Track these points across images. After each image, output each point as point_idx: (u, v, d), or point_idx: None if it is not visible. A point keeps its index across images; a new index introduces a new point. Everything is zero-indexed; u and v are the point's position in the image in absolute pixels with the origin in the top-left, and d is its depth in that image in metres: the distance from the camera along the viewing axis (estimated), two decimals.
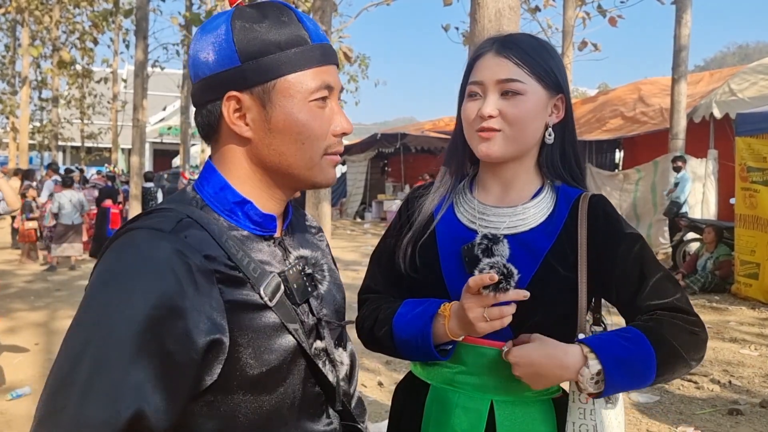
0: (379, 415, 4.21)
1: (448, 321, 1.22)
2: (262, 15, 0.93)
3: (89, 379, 0.76)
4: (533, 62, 1.26)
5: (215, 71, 0.93)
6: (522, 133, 1.27)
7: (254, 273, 0.92)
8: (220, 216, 0.95)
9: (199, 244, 0.88)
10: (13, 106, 23.95)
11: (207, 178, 0.99)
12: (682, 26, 11.01)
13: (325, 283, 1.05)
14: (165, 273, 0.82)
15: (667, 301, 1.25)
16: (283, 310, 0.94)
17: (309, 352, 0.96)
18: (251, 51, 0.91)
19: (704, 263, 8.74)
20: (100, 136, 28.43)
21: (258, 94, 0.93)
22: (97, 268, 0.87)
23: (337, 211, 23.09)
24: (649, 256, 1.30)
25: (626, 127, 13.76)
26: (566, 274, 1.27)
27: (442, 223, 1.36)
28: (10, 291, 8.62)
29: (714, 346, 5.97)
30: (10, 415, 4.22)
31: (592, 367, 1.16)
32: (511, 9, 3.39)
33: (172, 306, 0.81)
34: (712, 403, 4.48)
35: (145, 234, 0.87)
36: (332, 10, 6.89)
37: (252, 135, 0.95)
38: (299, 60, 0.93)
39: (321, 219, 6.31)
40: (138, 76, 11.96)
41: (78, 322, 0.82)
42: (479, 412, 1.27)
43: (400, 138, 19.71)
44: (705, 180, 11.40)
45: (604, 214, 1.31)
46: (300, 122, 0.94)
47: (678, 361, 1.22)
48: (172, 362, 0.80)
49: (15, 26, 23.50)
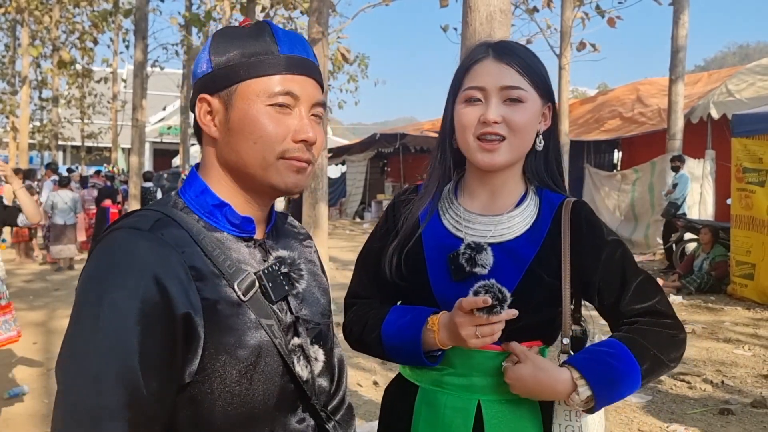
0: (374, 414, 4.24)
1: (438, 334, 1.25)
2: (238, 31, 1.03)
3: (96, 371, 0.85)
4: (532, 71, 1.29)
5: (196, 77, 1.04)
6: (522, 140, 1.29)
7: (230, 270, 0.97)
8: (200, 218, 1.01)
9: (175, 241, 0.94)
10: (13, 106, 23.97)
11: (189, 183, 1.05)
12: (679, 27, 11.04)
13: (303, 282, 1.08)
14: (144, 269, 0.89)
15: (648, 305, 1.30)
16: (257, 306, 0.98)
17: (283, 348, 1.00)
18: (221, 60, 1.01)
19: (701, 263, 8.77)
20: (100, 136, 28.45)
21: (224, 97, 1.01)
22: (84, 271, 0.93)
23: (336, 211, 23.13)
24: (629, 261, 1.34)
25: (624, 127, 13.80)
26: (550, 280, 1.30)
27: (428, 231, 1.37)
28: (9, 290, 8.65)
29: (708, 346, 6.00)
30: (8, 414, 4.25)
31: (582, 393, 1.21)
32: (503, 12, 3.42)
33: (153, 299, 0.88)
34: (704, 403, 4.51)
35: (124, 233, 0.93)
36: (329, 10, 6.91)
37: (218, 135, 1.02)
38: (260, 67, 1.00)
39: (318, 219, 6.35)
40: (137, 76, 12.00)
41: (74, 327, 0.90)
42: (467, 412, 1.29)
43: (400, 138, 19.75)
44: (702, 180, 11.44)
45: (587, 221, 1.34)
46: (253, 122, 0.99)
47: (660, 367, 1.28)
48: (162, 349, 0.88)
49: (15, 26, 23.51)
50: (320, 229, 6.35)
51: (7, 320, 3.99)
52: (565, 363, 1.25)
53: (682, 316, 7.25)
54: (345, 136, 47.97)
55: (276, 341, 0.99)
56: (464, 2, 3.53)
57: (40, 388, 4.76)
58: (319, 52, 6.36)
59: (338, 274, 9.68)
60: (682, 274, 8.81)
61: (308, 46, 1.07)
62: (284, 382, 1.01)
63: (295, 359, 1.03)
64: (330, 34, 7.33)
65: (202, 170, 1.07)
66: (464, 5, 3.52)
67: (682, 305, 7.95)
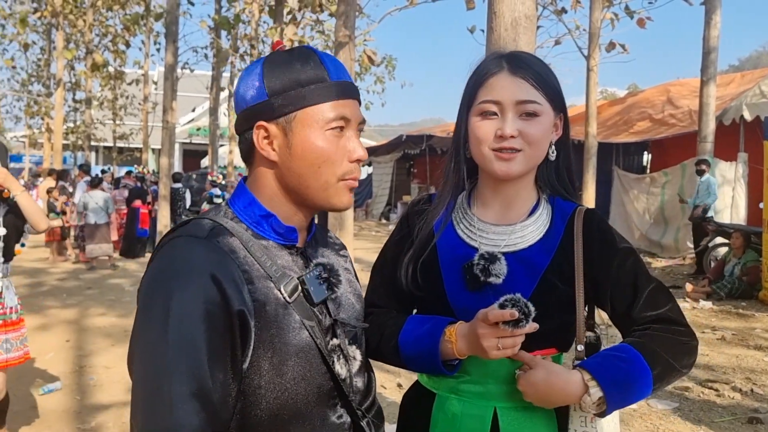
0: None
1: (456, 344, 1.26)
2: (288, 58, 1.10)
3: (169, 363, 0.93)
4: (545, 83, 1.30)
5: (249, 105, 1.10)
6: (538, 152, 1.31)
7: (276, 274, 1.06)
8: (248, 227, 1.10)
9: (228, 247, 1.03)
10: (48, 108, 24.53)
11: (238, 195, 1.15)
12: (711, 27, 10.85)
13: (341, 287, 1.18)
14: (203, 271, 0.98)
15: (660, 312, 1.31)
16: (301, 308, 1.07)
17: (324, 348, 1.08)
18: (277, 88, 1.08)
19: (731, 269, 8.61)
20: (131, 137, 28.95)
21: (282, 124, 1.08)
22: (147, 275, 1.03)
23: (362, 212, 23.21)
24: (641, 269, 1.35)
25: (654, 129, 13.59)
26: (564, 288, 1.31)
27: (443, 241, 1.39)
28: (42, 289, 8.88)
29: (738, 353, 5.90)
30: (43, 409, 4.37)
31: (593, 395, 1.21)
32: (528, 18, 3.41)
33: (214, 298, 0.97)
34: (732, 411, 4.44)
35: (183, 241, 1.03)
36: (356, 14, 6.96)
37: (277, 159, 1.10)
38: (317, 94, 1.08)
39: (343, 221, 6.39)
40: (168, 78, 12.19)
41: (144, 326, 0.98)
42: (483, 419, 1.31)
43: (426, 139, 19.73)
44: (734, 184, 11.21)
45: (599, 229, 1.36)
46: (316, 148, 1.08)
47: (672, 373, 1.28)
48: (225, 343, 0.97)
49: (50, 29, 24.04)
50: (345, 231, 6.39)
51: (9, 339, 3.50)
52: (576, 366, 1.26)
53: (711, 322, 7.15)
54: (372, 137, 48.00)
55: (317, 341, 1.07)
56: (489, 8, 3.53)
57: (73, 385, 4.89)
58: (345, 56, 6.40)
59: (363, 275, 9.69)
60: (712, 279, 8.67)
61: (346, 69, 1.16)
62: (324, 380, 1.09)
63: (335, 358, 1.11)
64: (357, 37, 7.38)
65: (251, 184, 1.15)
66: (489, 11, 3.52)
67: (712, 311, 7.82)
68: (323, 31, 17.91)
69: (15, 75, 28.29)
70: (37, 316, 7.11)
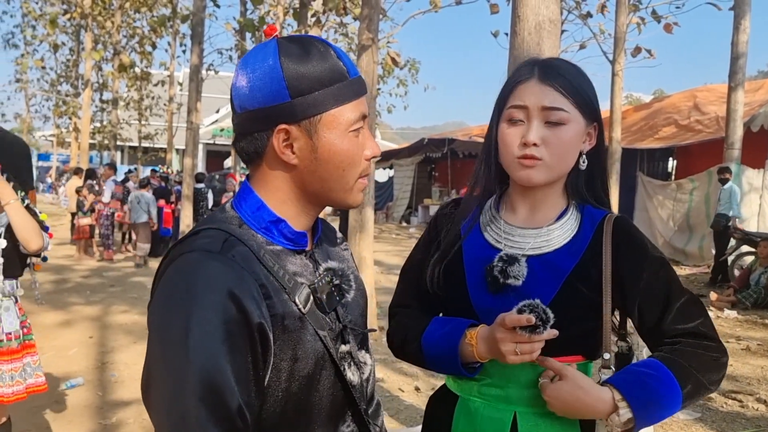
0: (415, 419, 4.26)
1: (476, 348, 1.27)
2: (305, 52, 1.01)
3: (192, 390, 0.89)
4: (576, 92, 1.28)
5: (265, 105, 1.00)
6: (562, 161, 1.29)
7: (289, 284, 1.01)
8: (257, 233, 1.04)
9: (244, 260, 0.97)
10: (75, 108, 24.93)
11: (244, 198, 1.08)
12: (740, 33, 10.68)
13: (352, 292, 1.13)
14: (222, 288, 0.92)
15: (692, 326, 1.28)
16: (314, 318, 1.03)
17: (336, 356, 1.05)
18: (300, 88, 0.99)
19: (758, 278, 8.46)
20: (156, 137, 29.30)
21: (305, 127, 1.01)
22: (161, 294, 0.97)
23: (383, 215, 23.21)
24: (674, 280, 1.32)
25: (680, 135, 13.41)
26: (589, 294, 1.29)
27: (469, 243, 1.39)
28: (67, 285, 9.03)
29: (763, 364, 5.79)
30: (65, 404, 4.45)
31: (623, 415, 1.19)
32: (552, 22, 3.39)
33: (234, 316, 0.92)
34: (756, 423, 4.35)
35: (197, 256, 0.96)
36: (379, 17, 6.97)
37: (298, 162, 1.03)
38: (341, 95, 1.02)
39: (364, 223, 6.39)
40: (193, 79, 12.30)
41: (162, 348, 0.93)
42: (503, 423, 1.30)
43: (448, 143, 19.69)
44: (762, 191, 11.02)
45: (629, 236, 1.33)
46: (342, 151, 1.04)
47: (701, 390, 1.26)
48: (247, 362, 0.93)
49: (79, 31, 24.46)
50: (366, 233, 6.39)
51: (4, 371, 2.80)
52: (607, 382, 1.24)
53: (736, 332, 7.02)
54: (394, 140, 48.04)
55: (330, 351, 1.04)
56: (513, 12, 3.52)
57: (95, 381, 4.96)
58: (368, 59, 6.42)
59: (383, 278, 9.73)
60: (737, 288, 8.52)
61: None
62: (336, 390, 1.06)
63: (345, 365, 1.08)
64: (380, 40, 7.39)
65: (258, 186, 1.07)
66: (513, 15, 3.51)
67: (737, 320, 7.68)
68: (347, 34, 17.97)
69: (44, 75, 28.83)
70: (61, 312, 7.23)
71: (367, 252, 6.42)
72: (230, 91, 1.07)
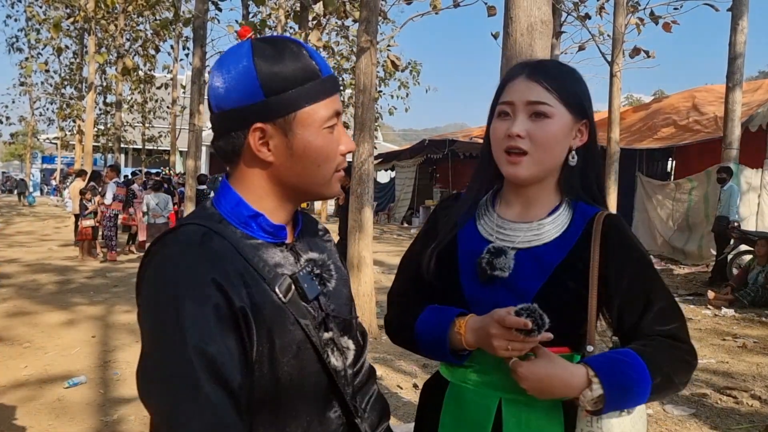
0: (412, 416, 4.31)
1: (464, 337, 1.31)
2: (278, 52, 1.04)
3: (193, 378, 0.92)
4: (561, 88, 1.33)
5: (241, 104, 1.03)
6: (547, 155, 1.33)
7: (269, 275, 1.04)
8: (236, 228, 1.07)
9: (223, 252, 1.01)
10: (79, 110, 25.07)
11: (224, 195, 1.11)
12: (737, 33, 10.72)
13: (333, 281, 1.18)
14: (205, 277, 0.96)
15: (669, 329, 1.33)
16: (295, 306, 1.06)
17: (318, 344, 1.09)
18: (274, 87, 1.02)
19: (755, 276, 8.49)
20: (159, 140, 29.39)
21: (280, 125, 1.04)
22: (148, 286, 1.00)
23: (384, 216, 23.26)
24: (658, 282, 1.36)
25: (678, 135, 13.45)
26: (575, 287, 1.33)
27: (464, 235, 1.44)
28: (71, 286, 9.10)
29: (758, 361, 5.83)
30: (67, 402, 4.51)
31: (594, 390, 1.23)
32: (543, 23, 3.46)
33: (220, 302, 0.96)
34: (750, 419, 4.39)
35: (177, 250, 1.00)
36: (378, 19, 7.03)
37: (274, 159, 1.07)
38: (314, 93, 1.05)
39: (363, 223, 6.45)
40: (195, 82, 12.36)
41: (159, 342, 0.96)
42: (488, 408, 1.35)
43: (448, 144, 19.74)
44: (760, 191, 11.05)
45: (618, 234, 1.36)
46: (317, 148, 1.07)
47: (669, 386, 1.31)
48: (238, 344, 0.97)
49: (82, 34, 24.58)
50: (365, 233, 6.45)
51: None
52: (582, 361, 1.28)
53: (733, 330, 7.07)
54: (395, 141, 48.07)
55: (312, 339, 1.06)
56: (505, 13, 3.59)
57: (97, 379, 5.02)
58: (367, 61, 6.48)
59: (384, 277, 9.79)
60: (735, 286, 8.56)
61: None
62: (320, 377, 1.09)
63: (329, 351, 1.12)
64: (380, 42, 7.46)
65: (236, 183, 1.11)
66: (505, 16, 3.58)
67: (735, 318, 7.72)
68: (348, 36, 18.05)
69: (49, 78, 28.98)
70: (64, 312, 7.30)
71: (367, 252, 6.47)
72: (206, 91, 1.10)
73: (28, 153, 40.42)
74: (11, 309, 7.40)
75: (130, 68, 19.34)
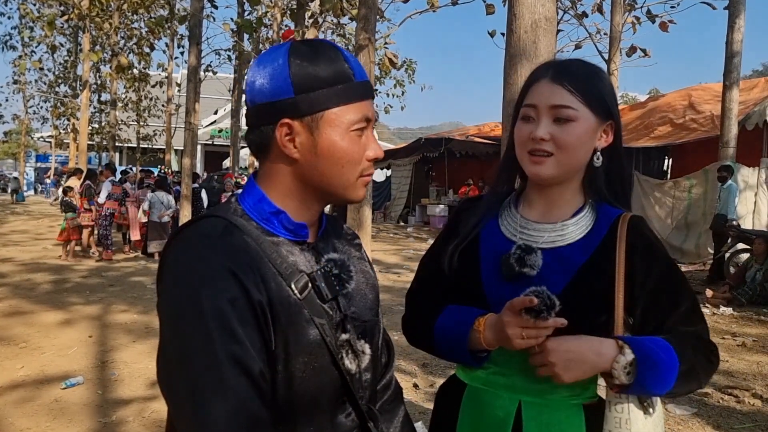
0: (413, 416, 4.29)
1: (484, 334, 1.30)
2: (314, 53, 1.07)
3: (216, 367, 0.93)
4: (585, 90, 1.31)
5: (271, 99, 1.07)
6: (571, 157, 1.32)
7: (286, 271, 1.05)
8: (258, 224, 1.09)
9: (242, 245, 1.03)
10: (74, 109, 24.98)
11: (248, 191, 1.14)
12: (734, 31, 10.73)
13: (353, 282, 1.17)
14: (223, 269, 0.98)
15: (694, 330, 1.33)
16: (311, 305, 1.06)
17: (333, 345, 1.08)
18: (304, 85, 1.05)
19: (753, 275, 8.51)
20: (154, 138, 29.31)
21: (307, 122, 1.06)
22: (168, 277, 1.03)
23: (380, 215, 23.24)
24: (684, 283, 1.36)
25: (675, 134, 13.46)
26: (600, 287, 1.31)
27: (486, 234, 1.43)
28: (66, 285, 9.04)
29: (759, 360, 5.83)
30: (64, 403, 4.47)
31: (627, 355, 1.22)
32: (548, 20, 3.43)
33: (237, 294, 0.97)
34: (753, 418, 4.39)
35: (197, 242, 1.03)
36: (376, 17, 7.00)
37: (299, 156, 1.08)
38: (344, 95, 1.07)
39: (362, 222, 6.43)
40: (191, 80, 12.30)
41: (181, 332, 0.97)
42: (508, 411, 1.33)
43: (445, 143, 19.72)
44: (757, 189, 11.09)
45: (643, 236, 1.35)
46: (342, 149, 1.08)
47: (693, 379, 1.29)
48: (258, 334, 0.99)
49: (77, 32, 24.50)
50: (364, 232, 6.43)
51: None
52: (612, 336, 1.27)
53: (732, 329, 7.07)
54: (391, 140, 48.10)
55: (327, 339, 1.06)
56: (509, 10, 3.56)
57: (95, 379, 4.98)
58: (365, 59, 6.46)
59: (381, 276, 9.77)
60: (733, 285, 8.57)
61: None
62: (333, 378, 1.09)
63: (343, 353, 1.10)
64: (377, 40, 7.43)
65: (263, 179, 1.13)
66: (509, 13, 3.55)
67: (733, 317, 7.74)
68: (344, 35, 18.02)
69: (42, 77, 28.92)
70: (60, 311, 7.25)
71: (366, 251, 6.45)
72: (245, 86, 1.14)
73: (22, 151, 40.27)
74: (7, 309, 7.34)
75: (124, 66, 19.30)
